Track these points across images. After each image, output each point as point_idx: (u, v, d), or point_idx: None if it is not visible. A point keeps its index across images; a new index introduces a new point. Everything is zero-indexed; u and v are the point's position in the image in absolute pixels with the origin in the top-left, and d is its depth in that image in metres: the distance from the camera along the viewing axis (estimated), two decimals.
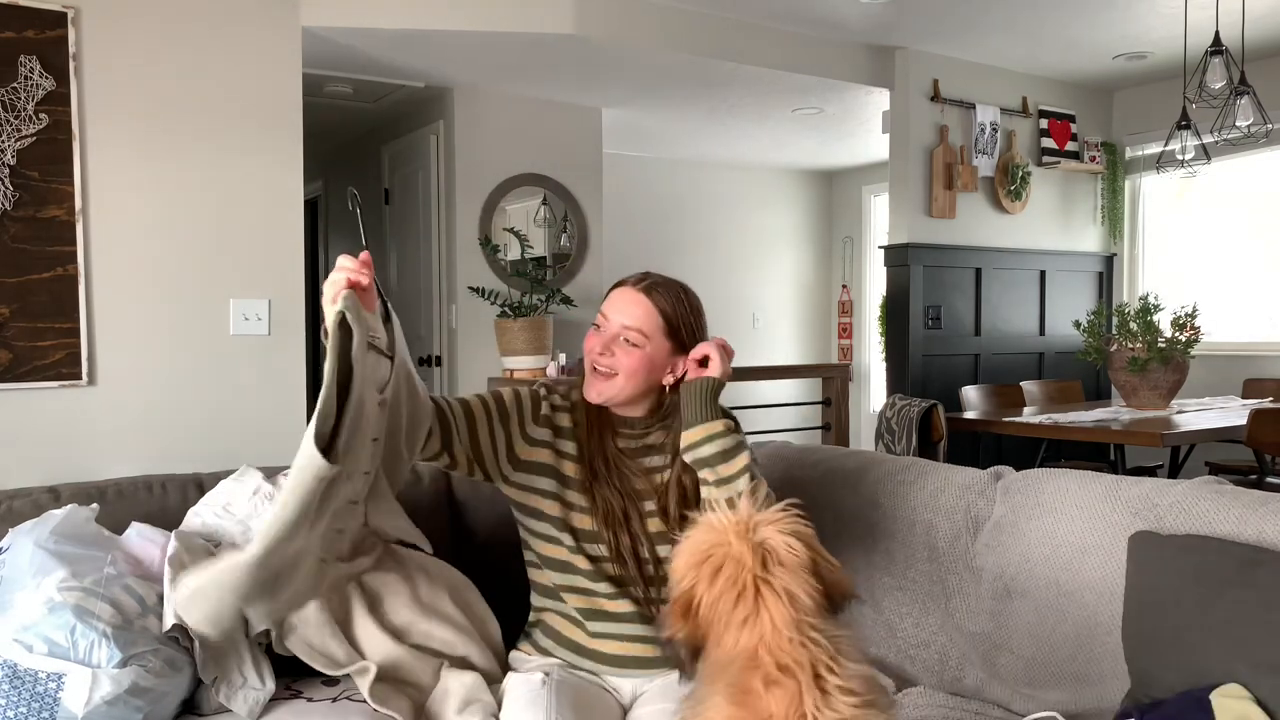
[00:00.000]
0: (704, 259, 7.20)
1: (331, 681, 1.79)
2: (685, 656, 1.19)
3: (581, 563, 1.70)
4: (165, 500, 2.06)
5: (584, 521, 1.71)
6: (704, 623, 1.16)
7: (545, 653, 1.76)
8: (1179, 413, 4.18)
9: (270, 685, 1.71)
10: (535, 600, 1.81)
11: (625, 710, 1.71)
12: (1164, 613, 1.53)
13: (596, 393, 1.71)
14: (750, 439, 1.77)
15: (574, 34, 4.10)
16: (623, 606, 1.69)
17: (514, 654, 1.82)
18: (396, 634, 1.82)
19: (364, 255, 1.47)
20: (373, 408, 1.48)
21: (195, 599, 1.60)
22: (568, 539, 1.71)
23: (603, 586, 1.69)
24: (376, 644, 1.79)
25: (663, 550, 1.69)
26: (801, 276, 7.88)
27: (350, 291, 1.42)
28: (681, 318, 1.71)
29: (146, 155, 2.85)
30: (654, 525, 1.71)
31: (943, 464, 2.12)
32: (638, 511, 1.71)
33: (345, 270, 1.44)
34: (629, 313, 1.69)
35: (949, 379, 5.23)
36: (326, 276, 1.46)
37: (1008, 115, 5.51)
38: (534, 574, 1.80)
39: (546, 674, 1.67)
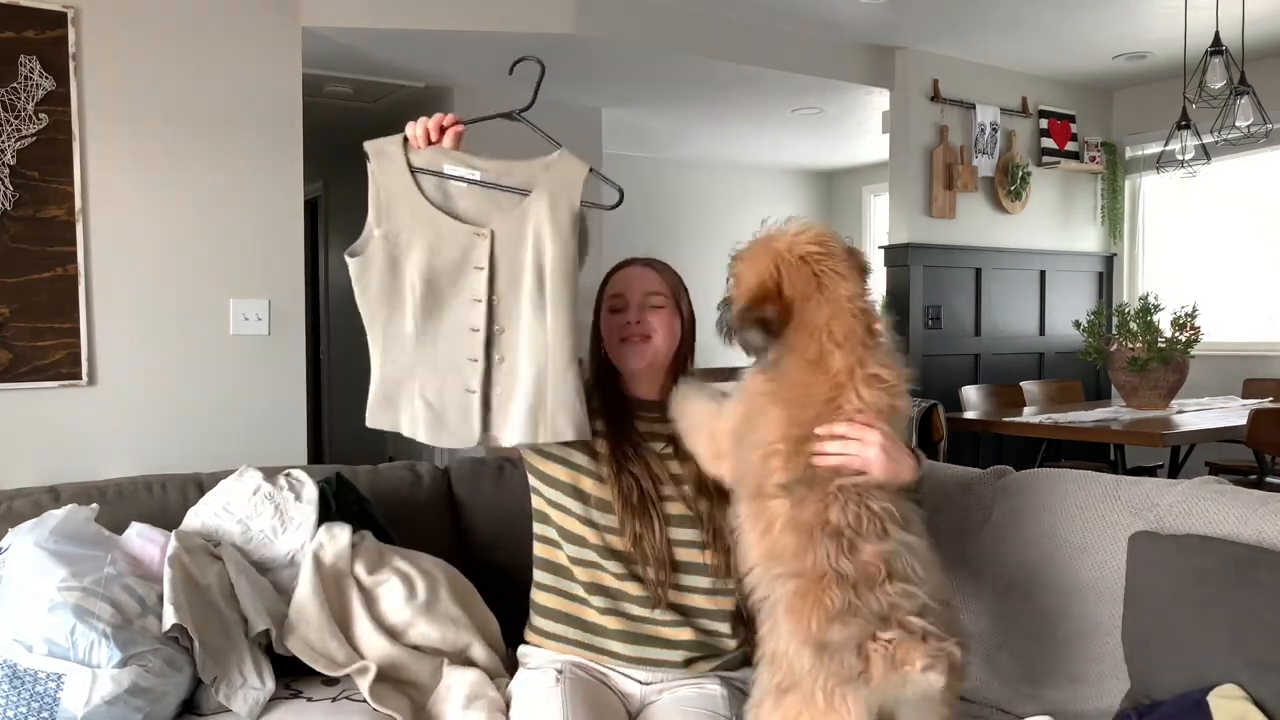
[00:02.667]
0: (704, 259, 7.10)
1: (331, 681, 1.79)
2: (771, 330, 1.46)
3: (592, 537, 1.71)
4: (165, 500, 2.06)
5: (605, 494, 1.71)
6: (788, 302, 1.45)
7: (552, 636, 1.75)
8: (1179, 413, 4.18)
9: (270, 685, 1.71)
10: (542, 578, 1.79)
11: (632, 718, 1.69)
12: (1164, 613, 1.53)
13: (639, 356, 1.77)
14: None
15: (574, 34, 4.10)
16: (630, 587, 1.69)
17: (522, 648, 1.81)
18: (395, 634, 1.82)
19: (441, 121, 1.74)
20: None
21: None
22: (598, 516, 1.71)
23: (611, 564, 1.70)
24: (375, 644, 1.79)
25: (679, 534, 1.70)
26: None
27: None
28: (679, 283, 1.88)
29: (146, 155, 2.85)
30: (674, 509, 1.71)
31: (943, 464, 2.12)
32: (658, 494, 1.71)
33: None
34: (645, 282, 1.82)
35: (949, 379, 5.22)
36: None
37: (1008, 115, 5.51)
38: (547, 552, 1.78)
39: (560, 671, 1.67)
